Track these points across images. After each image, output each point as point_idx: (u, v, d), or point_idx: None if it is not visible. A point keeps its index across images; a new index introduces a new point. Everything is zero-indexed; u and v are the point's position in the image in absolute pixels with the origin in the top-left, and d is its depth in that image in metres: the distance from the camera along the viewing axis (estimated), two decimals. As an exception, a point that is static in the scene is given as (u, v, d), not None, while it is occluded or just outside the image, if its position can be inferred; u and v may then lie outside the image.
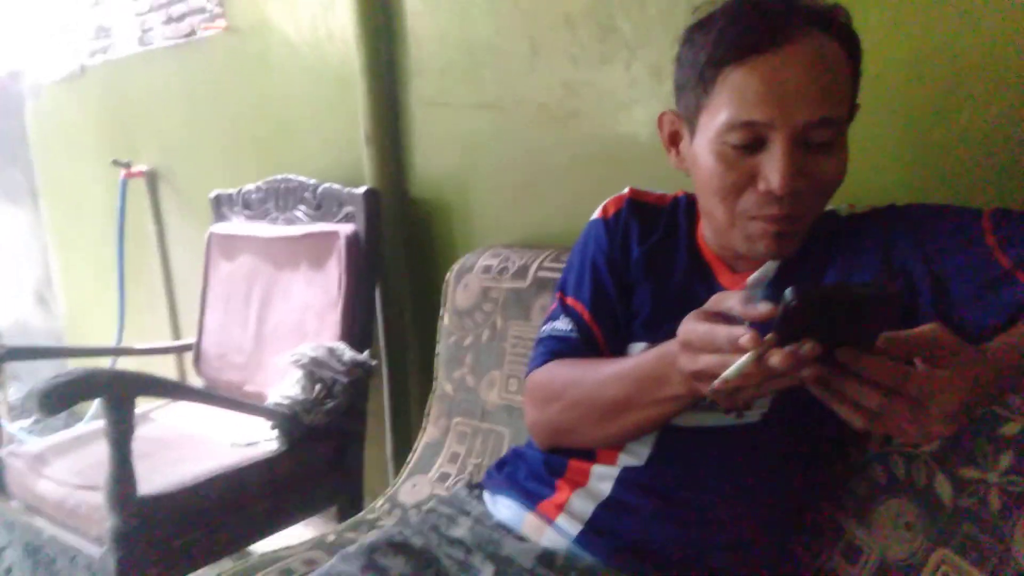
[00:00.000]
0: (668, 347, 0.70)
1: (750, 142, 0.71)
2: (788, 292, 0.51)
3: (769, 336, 0.53)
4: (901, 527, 0.78)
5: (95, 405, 2.38)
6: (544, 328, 0.92)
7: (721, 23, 0.72)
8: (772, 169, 0.70)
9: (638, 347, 0.85)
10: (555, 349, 0.88)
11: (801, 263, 0.80)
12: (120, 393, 1.21)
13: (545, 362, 0.88)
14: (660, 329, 0.84)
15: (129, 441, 1.23)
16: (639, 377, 0.74)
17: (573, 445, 0.86)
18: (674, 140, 0.84)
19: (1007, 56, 0.89)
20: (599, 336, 0.87)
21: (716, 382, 0.56)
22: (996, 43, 0.90)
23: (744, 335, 0.54)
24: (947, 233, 0.74)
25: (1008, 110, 0.91)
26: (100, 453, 1.26)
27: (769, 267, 0.81)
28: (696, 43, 0.74)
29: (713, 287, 0.84)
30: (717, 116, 0.72)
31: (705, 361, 0.60)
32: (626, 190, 0.94)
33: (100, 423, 1.25)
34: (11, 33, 2.96)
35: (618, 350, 0.87)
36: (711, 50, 0.72)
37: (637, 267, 0.88)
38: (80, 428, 1.73)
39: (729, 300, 0.60)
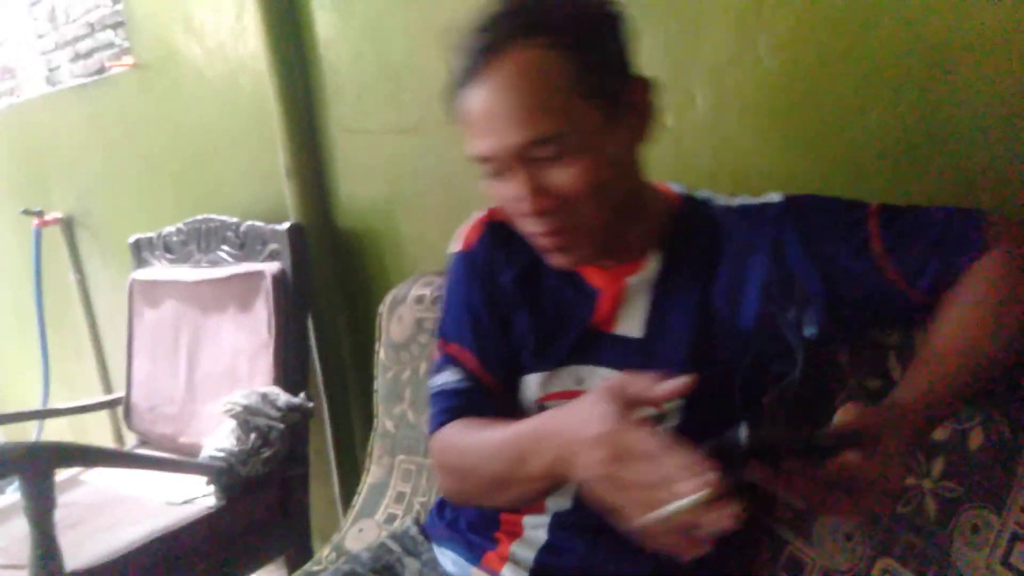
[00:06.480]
0: (543, 421, 0.65)
1: (495, 171, 0.70)
2: (742, 431, 0.49)
3: (723, 483, 0.48)
4: (841, 538, 0.77)
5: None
6: (434, 383, 0.83)
7: (457, 43, 0.69)
8: (516, 194, 0.69)
9: (532, 378, 0.81)
10: (448, 407, 0.80)
11: (685, 261, 0.77)
12: (36, 468, 1.14)
13: (441, 423, 0.80)
14: (547, 354, 0.80)
15: (51, 517, 1.15)
16: (511, 455, 0.68)
17: (482, 507, 0.82)
18: None
19: (911, 57, 0.90)
20: (490, 382, 0.82)
21: (653, 516, 0.50)
22: (899, 45, 0.91)
23: (708, 476, 0.48)
24: (835, 235, 0.72)
25: (912, 110, 0.92)
26: (26, 527, 1.18)
27: (651, 267, 0.78)
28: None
29: (584, 290, 0.80)
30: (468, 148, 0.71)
31: (633, 474, 0.53)
32: (483, 212, 0.87)
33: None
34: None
35: (512, 386, 0.82)
36: (450, 74, 0.70)
37: (510, 295, 0.82)
38: (5, 499, 1.63)
39: (633, 388, 0.56)
